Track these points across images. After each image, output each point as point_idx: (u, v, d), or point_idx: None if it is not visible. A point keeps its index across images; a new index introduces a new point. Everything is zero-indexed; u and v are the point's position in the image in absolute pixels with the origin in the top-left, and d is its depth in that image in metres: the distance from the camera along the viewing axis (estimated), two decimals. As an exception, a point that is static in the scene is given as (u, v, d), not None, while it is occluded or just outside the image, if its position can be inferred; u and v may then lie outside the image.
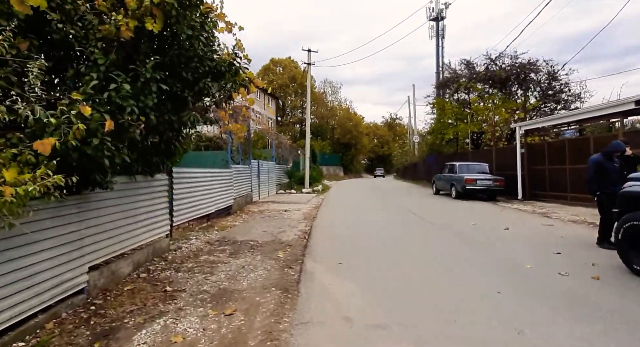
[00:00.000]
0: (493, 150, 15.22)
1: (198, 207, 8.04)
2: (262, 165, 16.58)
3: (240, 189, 12.73)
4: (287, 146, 24.11)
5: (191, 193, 7.62)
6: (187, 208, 7.39)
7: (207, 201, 8.69)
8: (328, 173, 42.44)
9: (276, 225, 9.42)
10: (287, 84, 51.31)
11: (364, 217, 10.31)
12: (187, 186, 7.39)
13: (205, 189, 8.50)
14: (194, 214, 7.83)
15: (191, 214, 7.63)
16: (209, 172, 8.92)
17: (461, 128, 17.88)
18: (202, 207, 8.27)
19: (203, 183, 8.40)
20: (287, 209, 12.67)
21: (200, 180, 8.20)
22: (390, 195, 18.13)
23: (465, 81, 19.25)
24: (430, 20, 52.27)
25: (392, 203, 14.08)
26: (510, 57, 18.63)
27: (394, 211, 11.84)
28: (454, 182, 14.27)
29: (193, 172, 7.77)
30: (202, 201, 8.34)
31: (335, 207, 13.26)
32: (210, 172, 9.00)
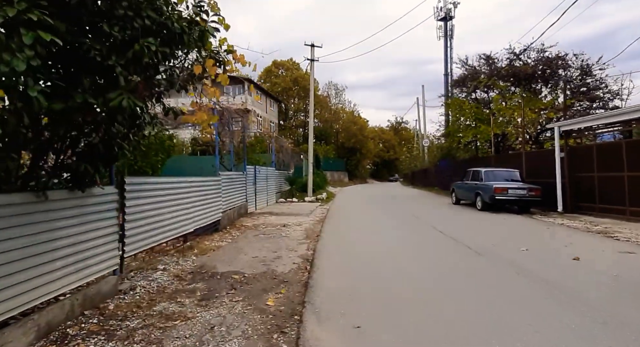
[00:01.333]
0: (522, 154, 13.33)
1: (168, 227, 6.21)
2: (259, 171, 14.78)
3: (231, 199, 10.92)
4: (289, 150, 22.32)
5: (156, 210, 5.79)
6: (150, 231, 5.56)
7: (183, 218, 6.86)
8: (332, 179, 40.60)
9: (271, 247, 7.57)
10: (289, 86, 49.69)
11: (379, 237, 8.44)
12: (149, 201, 5.57)
13: (178, 204, 6.67)
14: (161, 237, 5.99)
15: (156, 238, 5.79)
16: (186, 181, 7.09)
17: (482, 130, 16.04)
18: (173, 228, 6.44)
19: (176, 196, 6.57)
20: (286, 224, 10.82)
21: (171, 192, 6.38)
22: (403, 204, 16.23)
23: (485, 78, 17.41)
24: (438, 20, 50.60)
25: (409, 216, 12.19)
26: (537, 51, 16.80)
27: (414, 226, 9.95)
28: (479, 191, 12.39)
29: (159, 182, 5.94)
30: (175, 219, 6.51)
31: (342, 222, 11.40)
32: (188, 182, 7.18)
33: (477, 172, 13.10)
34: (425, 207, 14.54)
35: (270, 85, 50.41)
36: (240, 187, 12.14)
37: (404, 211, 13.49)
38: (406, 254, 6.58)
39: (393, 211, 13.97)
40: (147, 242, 5.48)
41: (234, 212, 11.15)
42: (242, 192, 12.40)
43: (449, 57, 50.25)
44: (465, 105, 17.43)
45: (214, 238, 8.62)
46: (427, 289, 4.63)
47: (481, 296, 4.36)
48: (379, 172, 68.74)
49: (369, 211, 14.01)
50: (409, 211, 13.36)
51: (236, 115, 11.80)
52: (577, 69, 16.37)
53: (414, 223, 10.43)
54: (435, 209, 13.71)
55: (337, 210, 14.69)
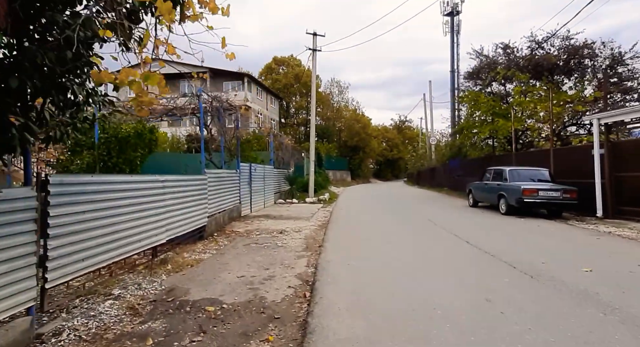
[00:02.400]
0: (550, 151, 11.84)
1: (125, 241, 4.78)
2: (255, 169, 13.35)
3: (221, 201, 9.50)
4: (289, 148, 20.88)
5: (106, 219, 4.37)
6: (93, 247, 4.13)
7: (151, 227, 5.44)
8: (335, 178, 39.15)
9: (263, 261, 6.15)
10: (291, 83, 48.22)
11: (394, 250, 6.99)
12: (93, 208, 4.14)
13: (144, 209, 5.24)
14: (114, 254, 4.55)
15: (103, 257, 4.36)
16: (155, 181, 5.66)
17: (500, 125, 14.57)
18: (134, 241, 5.00)
19: (140, 199, 5.14)
20: (283, 230, 9.39)
21: (132, 195, 4.95)
22: (414, 207, 14.77)
23: (503, 69, 15.91)
24: (445, 15, 49.27)
25: (424, 220, 10.75)
26: (562, 38, 15.29)
27: (433, 235, 8.51)
28: (503, 192, 10.92)
29: (108, 182, 4.50)
30: (138, 229, 5.08)
31: (348, 227, 9.96)
32: (158, 181, 5.74)
33: (499, 171, 11.62)
34: (439, 211, 13.07)
35: (271, 82, 49.01)
36: (232, 188, 10.72)
37: (417, 215, 12.03)
38: (434, 275, 5.13)
39: (404, 214, 12.51)
40: (86, 264, 4.04)
41: (224, 216, 9.74)
42: (234, 192, 10.99)
43: (456, 53, 48.71)
44: (481, 98, 15.96)
45: (196, 248, 7.21)
46: (485, 343, 3.17)
47: None
48: (382, 171, 67.18)
49: (378, 214, 12.56)
50: (422, 215, 11.90)
51: (228, 105, 10.37)
52: (605, 58, 14.89)
53: (431, 230, 8.98)
54: (452, 213, 12.24)
55: (342, 213, 13.25)
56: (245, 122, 35.66)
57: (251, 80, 37.68)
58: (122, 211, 4.72)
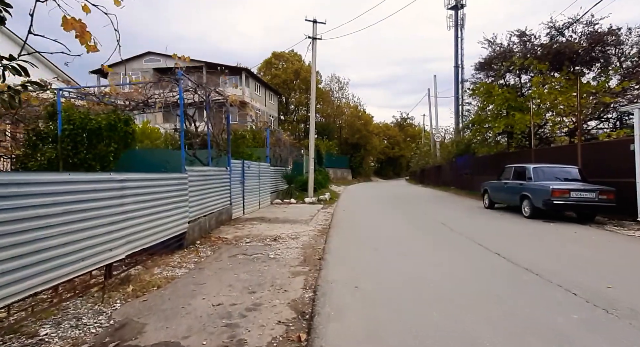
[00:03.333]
0: (578, 147, 10.57)
1: (54, 262, 3.54)
2: (249, 167, 12.11)
3: (206, 203, 8.27)
4: (287, 144, 19.63)
5: (21, 235, 3.12)
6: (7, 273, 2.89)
7: (98, 241, 4.20)
8: (335, 176, 37.91)
9: (249, 280, 4.92)
10: (290, 79, 46.89)
11: (411, 265, 5.77)
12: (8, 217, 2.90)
13: (85, 218, 4.00)
14: (35, 281, 3.31)
15: (16, 288, 3.11)
16: (106, 180, 4.41)
17: (517, 119, 13.28)
18: (71, 261, 3.76)
19: (79, 206, 3.90)
20: (278, 236, 8.17)
21: (67, 200, 3.70)
22: (424, 208, 13.53)
23: (519, 58, 14.63)
24: (449, 9, 47.94)
25: (437, 224, 9.53)
26: (585, 24, 13.98)
27: (451, 243, 7.29)
28: (527, 193, 9.67)
29: (28, 182, 3.24)
30: (75, 246, 3.84)
31: (352, 233, 8.74)
32: (115, 181, 4.50)
33: (522, 169, 10.36)
34: (452, 213, 11.82)
35: (271, 77, 47.68)
36: (221, 187, 9.49)
37: (428, 218, 10.79)
38: (472, 306, 3.90)
39: (413, 217, 11.28)
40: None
41: (210, 219, 8.51)
42: (224, 193, 9.76)
43: (460, 48, 47.34)
44: (495, 90, 14.68)
45: (171, 261, 5.98)
46: None
47: None
48: (383, 169, 65.94)
49: (384, 217, 11.32)
50: (434, 218, 10.67)
51: (216, 93, 9.12)
52: (632, 46, 13.63)
53: (449, 237, 7.74)
54: (467, 216, 10.99)
55: (344, 215, 12.01)
56: (242, 119, 34.44)
57: (249, 75, 36.37)
58: (53, 221, 3.48)
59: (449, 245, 6.90)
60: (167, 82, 7.35)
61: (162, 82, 7.53)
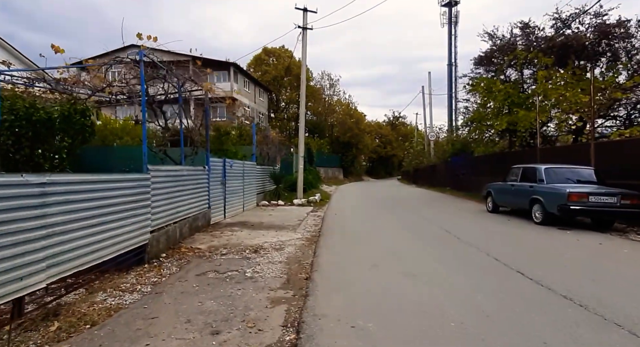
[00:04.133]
0: (591, 146, 9.65)
1: None
2: (231, 166, 10.96)
3: (177, 207, 7.12)
4: (276, 142, 18.48)
5: None
6: None
7: (3, 267, 3.04)
8: (326, 176, 36.83)
9: (215, 312, 3.83)
10: (281, 75, 45.57)
11: (422, 292, 4.72)
12: None
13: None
14: None
15: None
16: (17, 184, 3.25)
17: (521, 116, 12.36)
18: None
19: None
20: (260, 246, 7.06)
21: None
22: (422, 212, 12.51)
23: (523, 51, 13.72)
24: (442, 6, 47.16)
25: (441, 233, 8.51)
26: (593, 15, 13.13)
27: (463, 257, 6.27)
28: (539, 197, 8.71)
29: None
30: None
31: (345, 244, 7.68)
32: (26, 185, 3.34)
33: (532, 170, 9.39)
34: (454, 217, 10.83)
35: (261, 74, 46.33)
36: (197, 189, 8.34)
37: (429, 224, 9.78)
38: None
39: (413, 222, 10.26)
40: None
41: (182, 226, 7.35)
42: (200, 195, 8.61)
43: (454, 45, 46.73)
44: (496, 86, 13.76)
45: (123, 282, 4.84)
46: None
47: None
48: (375, 169, 65.04)
49: (380, 222, 10.29)
50: (435, 224, 9.66)
51: (191, 83, 7.95)
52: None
53: (458, 250, 6.71)
54: (472, 222, 10.00)
55: (336, 220, 10.95)
56: (230, 115, 33.12)
57: (238, 70, 35.04)
58: None
59: (461, 261, 5.87)
60: (129, 65, 6.16)
61: (124, 65, 6.34)
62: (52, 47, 6.62)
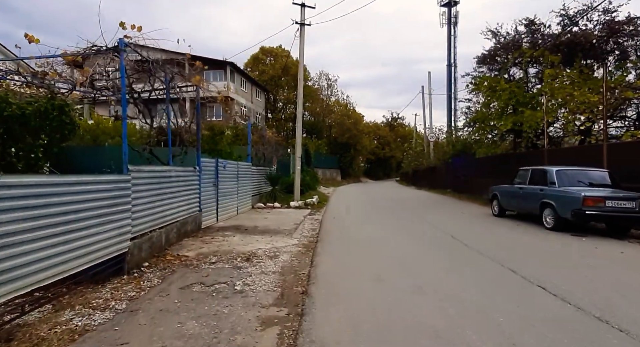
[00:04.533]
0: (603, 147, 9.18)
1: None
2: (224, 166, 10.42)
3: (161, 212, 6.57)
4: (272, 142, 17.95)
5: None
6: None
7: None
8: (324, 177, 36.28)
9: (195, 336, 3.29)
10: (278, 75, 45.03)
11: (435, 313, 4.21)
12: None
13: None
14: None
15: None
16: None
17: (527, 116, 11.87)
18: None
19: None
20: (253, 253, 6.52)
21: None
22: (424, 215, 11.98)
23: (529, 49, 13.24)
24: (442, 6, 46.79)
25: (448, 240, 8.01)
26: (603, 12, 12.69)
27: (476, 268, 5.76)
28: (550, 201, 8.21)
29: None
30: None
31: (345, 251, 7.17)
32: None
33: (542, 172, 8.89)
34: (459, 222, 10.31)
35: (258, 74, 45.78)
36: (186, 191, 7.80)
37: (434, 229, 9.26)
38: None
39: (417, 226, 9.75)
40: None
41: (168, 232, 6.80)
42: (190, 197, 8.06)
43: (453, 46, 46.36)
44: (500, 84, 13.28)
45: (95, 297, 4.29)
46: None
47: None
48: (373, 170, 64.49)
49: (382, 227, 9.77)
50: (440, 229, 9.14)
51: (181, 78, 7.40)
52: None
53: (468, 259, 6.20)
54: (478, 226, 9.49)
55: (334, 224, 10.42)
56: (227, 115, 32.53)
57: (234, 69, 34.47)
58: None
59: (473, 272, 5.34)
60: (109, 57, 5.62)
61: (103, 57, 5.79)
62: (26, 36, 6.06)
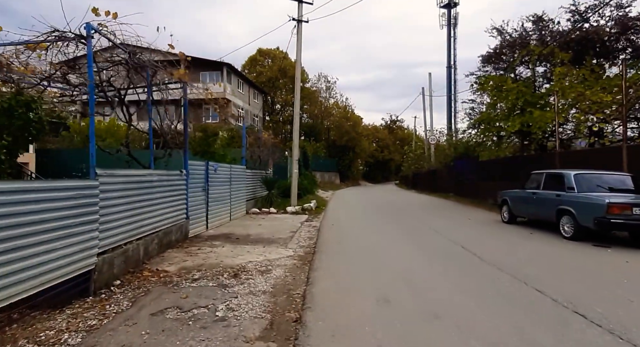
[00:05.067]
0: (623, 149, 8.50)
1: None
2: (215, 170, 9.71)
3: (139, 221, 5.85)
4: (269, 144, 17.24)
5: None
6: None
7: None
8: (322, 180, 35.58)
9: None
10: (276, 77, 44.37)
11: (451, 337, 3.48)
12: None
13: None
14: None
15: None
16: None
17: (536, 117, 11.20)
18: None
19: None
20: (242, 267, 5.80)
21: None
22: (429, 222, 11.27)
23: (538, 46, 12.60)
24: (441, 7, 46.32)
25: (457, 250, 7.33)
26: (615, 7, 12.07)
27: (499, 291, 5.06)
28: (569, 207, 7.52)
29: None
30: None
31: (346, 266, 6.48)
32: None
33: (558, 176, 8.19)
34: (467, 229, 9.61)
35: (256, 75, 45.12)
36: (170, 197, 7.08)
37: (440, 237, 8.55)
38: None
39: (423, 235, 9.05)
40: None
41: (148, 244, 6.07)
42: (175, 204, 7.35)
43: (453, 48, 45.89)
44: (507, 84, 12.61)
45: (47, 327, 3.58)
46: None
47: None
48: (371, 173, 63.83)
49: (385, 236, 9.06)
50: (447, 237, 8.44)
51: (160, 69, 6.68)
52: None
53: (486, 275, 5.50)
54: (490, 235, 8.78)
55: (334, 232, 9.70)
56: (224, 118, 31.80)
57: (231, 70, 33.79)
58: None
59: (494, 293, 4.63)
60: (70, 40, 4.89)
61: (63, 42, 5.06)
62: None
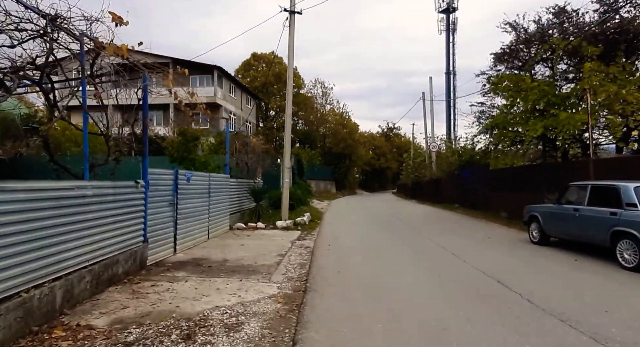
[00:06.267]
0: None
1: None
2: (187, 179, 8.02)
3: (54, 254, 4.13)
4: (258, 151, 15.56)
5: None
6: None
7: None
8: (318, 189, 33.87)
9: None
10: (270, 82, 42.90)
11: None
12: None
13: None
14: None
15: None
16: None
17: (564, 119, 9.66)
18: None
19: None
20: (203, 317, 4.07)
21: None
22: (441, 241, 9.61)
23: (562, 40, 11.13)
24: (440, 12, 45.32)
25: (492, 285, 5.77)
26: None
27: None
28: (629, 229, 5.89)
29: None
30: None
31: (347, 308, 4.81)
32: None
33: (609, 189, 6.55)
34: (491, 252, 7.96)
35: (250, 80, 43.64)
36: (120, 215, 5.41)
37: (466, 265, 6.89)
38: None
39: (439, 259, 7.40)
40: None
41: (74, 284, 4.36)
42: (127, 224, 5.66)
43: (452, 53, 44.86)
44: (526, 82, 11.07)
45: None
46: None
47: None
48: (368, 181, 62.26)
49: (393, 261, 7.42)
50: (473, 265, 6.79)
51: (114, 56, 5.05)
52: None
53: (548, 333, 3.86)
54: (522, 261, 7.12)
55: (331, 256, 8.02)
56: (215, 122, 30.17)
57: (222, 74, 32.26)
58: None
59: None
60: None
61: None
62: None
